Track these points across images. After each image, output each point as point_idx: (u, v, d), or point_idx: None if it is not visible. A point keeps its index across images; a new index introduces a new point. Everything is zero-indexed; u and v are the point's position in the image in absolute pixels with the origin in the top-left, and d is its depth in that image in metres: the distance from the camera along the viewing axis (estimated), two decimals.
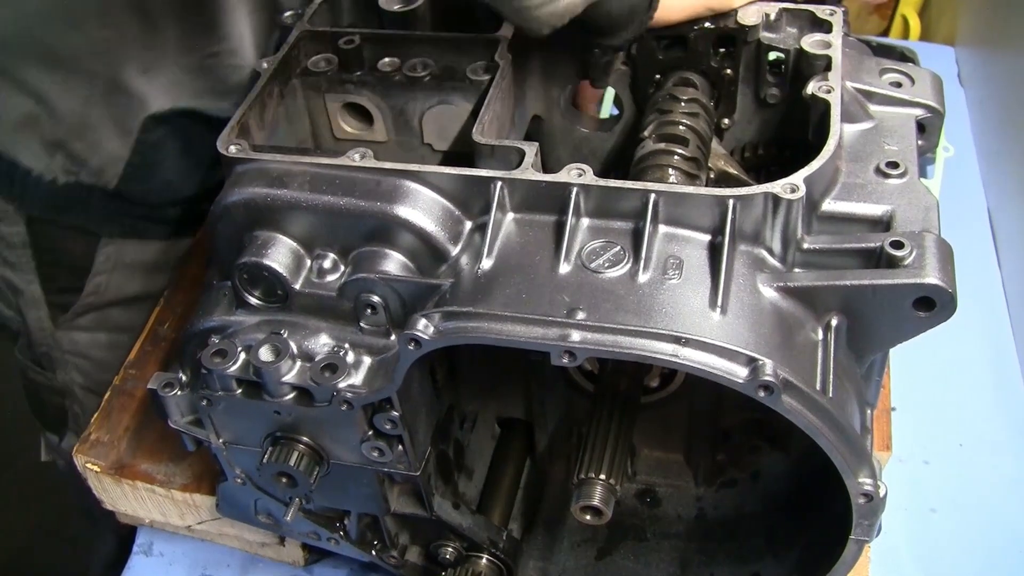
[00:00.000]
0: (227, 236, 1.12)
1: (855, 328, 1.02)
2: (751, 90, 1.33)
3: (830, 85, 1.13)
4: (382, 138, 1.31)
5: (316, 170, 1.09)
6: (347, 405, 1.08)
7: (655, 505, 1.44)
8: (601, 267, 1.00)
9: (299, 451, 1.15)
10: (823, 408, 0.94)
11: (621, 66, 1.37)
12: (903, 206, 1.04)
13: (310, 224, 1.08)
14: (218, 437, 1.20)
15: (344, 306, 1.09)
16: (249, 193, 1.08)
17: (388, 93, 1.27)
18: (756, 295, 1.00)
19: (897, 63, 1.24)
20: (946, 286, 0.95)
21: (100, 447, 1.53)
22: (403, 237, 1.06)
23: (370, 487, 1.23)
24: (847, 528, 1.03)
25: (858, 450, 0.97)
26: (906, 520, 1.58)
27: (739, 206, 1.00)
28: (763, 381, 0.90)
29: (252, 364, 1.07)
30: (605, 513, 1.15)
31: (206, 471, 1.47)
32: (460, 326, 0.97)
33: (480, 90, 1.22)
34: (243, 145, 1.12)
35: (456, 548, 1.33)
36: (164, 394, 1.17)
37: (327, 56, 1.29)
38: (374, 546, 1.36)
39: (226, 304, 1.14)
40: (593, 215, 1.04)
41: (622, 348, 0.92)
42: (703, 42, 1.30)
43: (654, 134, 1.25)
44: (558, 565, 1.41)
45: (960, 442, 1.70)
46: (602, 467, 1.16)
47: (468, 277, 1.03)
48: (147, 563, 1.61)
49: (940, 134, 1.21)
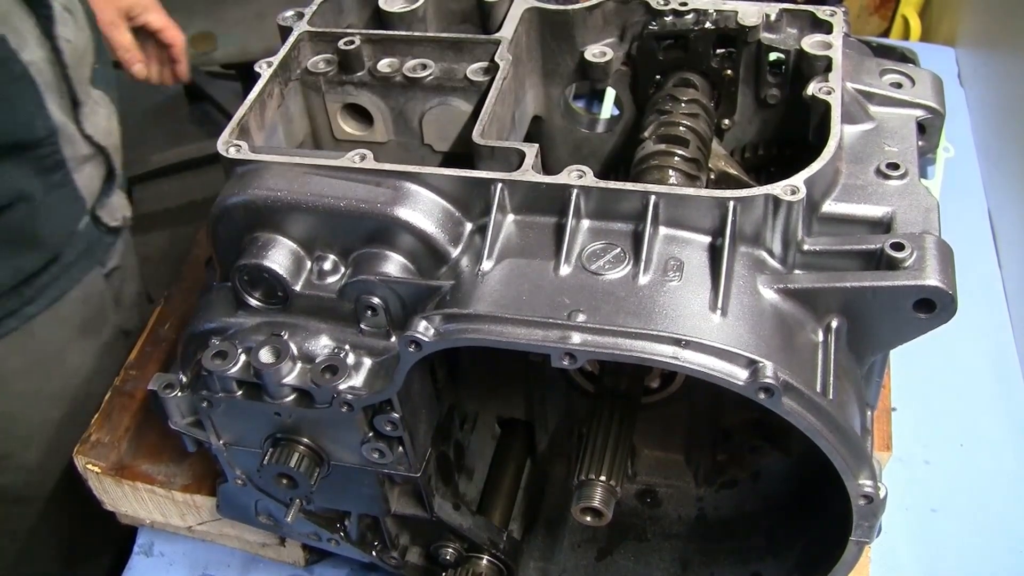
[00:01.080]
0: (227, 238, 1.12)
1: (855, 330, 1.02)
2: (751, 91, 1.33)
3: (830, 86, 1.13)
4: (382, 139, 1.31)
5: (316, 171, 1.09)
6: (347, 407, 1.08)
7: (655, 505, 1.44)
8: (601, 269, 1.00)
9: (299, 452, 1.15)
10: (823, 410, 0.94)
11: (621, 66, 1.37)
12: (903, 207, 1.05)
13: (310, 226, 1.08)
14: (218, 438, 1.20)
15: (344, 308, 1.09)
16: (249, 195, 1.08)
17: (388, 94, 1.27)
18: (756, 297, 1.00)
19: (897, 64, 1.24)
20: (946, 288, 0.95)
21: (100, 448, 1.53)
22: (403, 239, 1.06)
23: (370, 488, 1.23)
24: (847, 528, 1.03)
25: (858, 452, 0.97)
26: (906, 520, 1.58)
27: (739, 208, 1.00)
28: (763, 383, 0.90)
29: (252, 366, 1.07)
30: (605, 514, 1.15)
31: (207, 472, 1.47)
32: (460, 328, 0.97)
33: (480, 91, 1.22)
34: (243, 146, 1.12)
35: (456, 549, 1.33)
36: (164, 395, 1.17)
37: (327, 57, 1.29)
38: (374, 547, 1.36)
39: (226, 305, 1.14)
40: (593, 217, 1.04)
41: (622, 350, 0.92)
42: (703, 43, 1.30)
43: (654, 135, 1.25)
44: (558, 565, 1.41)
45: (960, 442, 1.70)
46: (602, 468, 1.16)
47: (468, 279, 1.03)
48: (147, 563, 1.61)
49: (940, 135, 1.21)
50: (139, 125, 4.29)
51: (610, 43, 1.36)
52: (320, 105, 1.30)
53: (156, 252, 3.68)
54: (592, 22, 1.34)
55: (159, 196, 3.94)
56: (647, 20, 1.32)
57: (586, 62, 1.34)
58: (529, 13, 1.31)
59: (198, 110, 4.31)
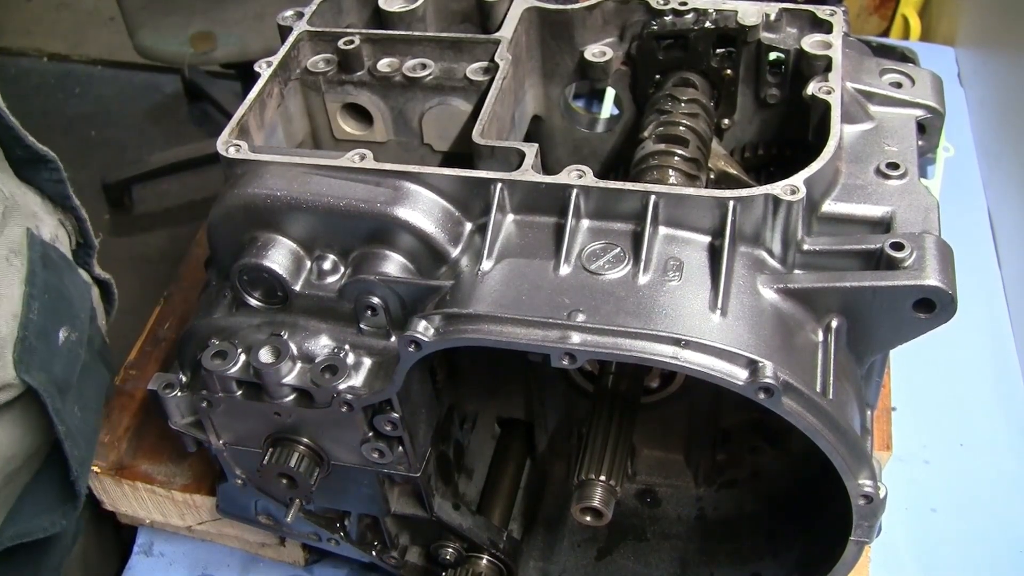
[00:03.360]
0: (227, 237, 1.12)
1: (855, 329, 1.02)
2: (751, 90, 1.33)
3: (830, 86, 1.13)
4: (382, 139, 1.31)
5: (316, 171, 1.09)
6: (347, 407, 1.08)
7: (655, 505, 1.44)
8: (601, 269, 1.00)
9: (299, 452, 1.15)
10: (823, 410, 0.94)
11: (621, 66, 1.37)
12: (903, 207, 1.05)
13: (310, 225, 1.08)
14: (218, 438, 1.20)
15: (344, 307, 1.09)
16: (249, 194, 1.08)
17: (388, 94, 1.27)
18: (756, 297, 1.00)
19: (897, 63, 1.24)
20: (946, 288, 0.95)
21: (100, 448, 1.53)
22: (403, 238, 1.06)
23: (370, 488, 1.23)
24: (847, 528, 1.03)
25: (858, 452, 0.97)
26: (906, 520, 1.58)
27: (739, 208, 1.00)
28: (763, 383, 0.90)
29: (252, 366, 1.07)
30: (605, 514, 1.15)
31: (206, 472, 1.47)
32: (460, 328, 0.97)
33: (480, 91, 1.22)
34: (242, 146, 1.12)
35: (456, 548, 1.33)
36: (164, 395, 1.17)
37: (327, 56, 1.29)
38: (374, 547, 1.36)
39: (226, 305, 1.14)
40: (593, 216, 1.04)
41: (622, 350, 0.92)
42: (703, 42, 1.30)
43: (654, 134, 1.25)
44: (558, 565, 1.41)
45: (960, 442, 1.70)
46: (602, 468, 1.16)
47: (468, 278, 1.03)
48: (147, 563, 1.61)
49: (940, 134, 1.21)
50: (138, 124, 4.30)
51: (610, 43, 1.35)
52: (320, 105, 1.30)
53: (156, 252, 3.68)
54: (592, 22, 1.34)
55: (159, 196, 3.94)
56: (647, 20, 1.32)
57: (586, 62, 1.34)
58: (529, 13, 1.31)
59: (198, 110, 4.31)
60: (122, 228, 3.90)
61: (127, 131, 4.27)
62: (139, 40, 3.25)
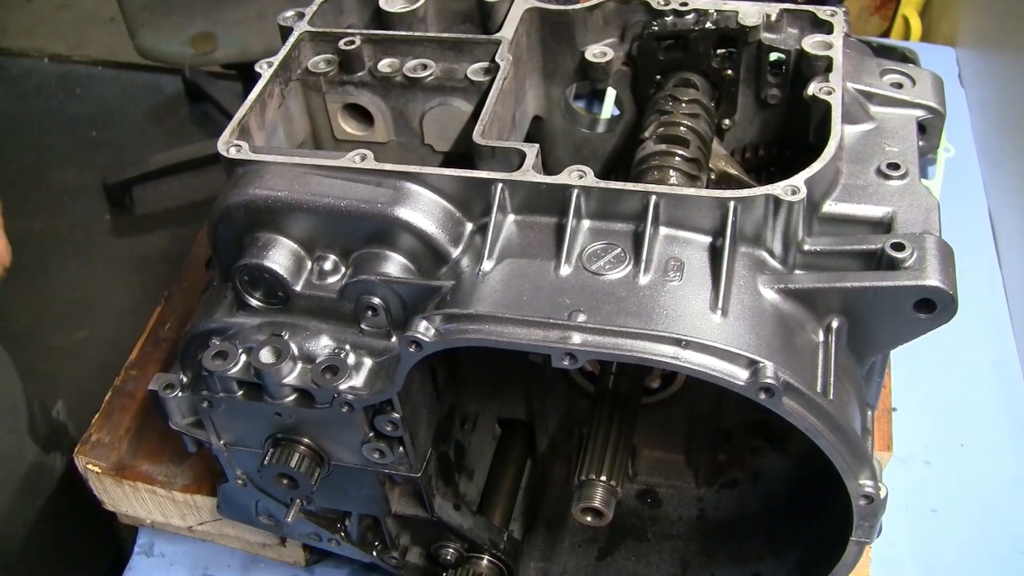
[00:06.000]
0: (227, 238, 1.12)
1: (856, 330, 1.02)
2: (752, 91, 1.33)
3: (831, 86, 1.13)
4: (382, 139, 1.31)
5: (316, 171, 1.09)
6: (348, 407, 1.08)
7: (656, 506, 1.44)
8: (602, 269, 1.00)
9: (300, 453, 1.15)
10: (824, 410, 0.94)
11: (622, 66, 1.37)
12: (904, 207, 1.05)
13: (310, 226, 1.08)
14: (219, 438, 1.20)
15: (345, 308, 1.09)
16: (249, 195, 1.08)
17: (388, 94, 1.27)
18: (757, 297, 1.00)
19: (898, 64, 1.24)
20: (947, 288, 0.95)
21: (101, 448, 1.53)
22: (404, 239, 1.06)
23: (371, 488, 1.23)
24: (848, 528, 1.03)
25: (859, 452, 0.97)
26: (907, 520, 1.58)
27: (740, 208, 1.00)
28: (764, 383, 0.90)
29: (253, 366, 1.07)
30: (606, 515, 1.15)
31: (207, 472, 1.47)
32: (461, 328, 0.97)
33: (481, 91, 1.22)
34: (243, 146, 1.12)
35: (457, 549, 1.33)
36: (165, 395, 1.17)
37: (327, 57, 1.29)
38: (375, 547, 1.36)
39: (227, 306, 1.14)
40: (594, 217, 1.04)
41: (623, 350, 0.92)
42: (704, 43, 1.30)
43: (655, 135, 1.25)
44: (559, 565, 1.41)
45: (961, 442, 1.70)
46: (603, 468, 1.16)
47: (469, 279, 1.03)
48: (148, 563, 1.61)
49: (941, 135, 1.21)
50: (139, 125, 4.31)
51: (610, 43, 1.36)
52: (320, 105, 1.30)
53: (156, 252, 3.69)
54: (592, 22, 1.34)
55: (159, 196, 3.95)
56: (648, 20, 1.32)
57: (586, 62, 1.34)
58: (529, 13, 1.31)
59: (198, 110, 4.31)
60: (123, 229, 3.91)
61: (128, 132, 4.27)
62: (140, 41, 3.25)
